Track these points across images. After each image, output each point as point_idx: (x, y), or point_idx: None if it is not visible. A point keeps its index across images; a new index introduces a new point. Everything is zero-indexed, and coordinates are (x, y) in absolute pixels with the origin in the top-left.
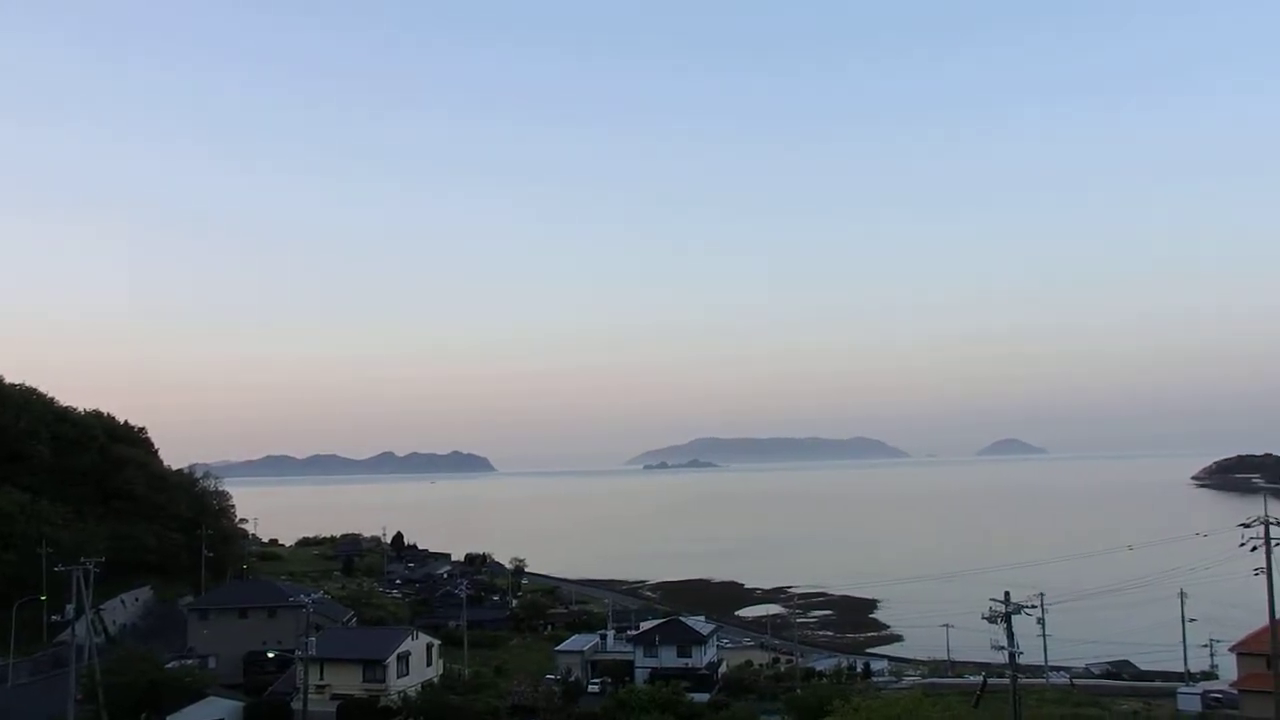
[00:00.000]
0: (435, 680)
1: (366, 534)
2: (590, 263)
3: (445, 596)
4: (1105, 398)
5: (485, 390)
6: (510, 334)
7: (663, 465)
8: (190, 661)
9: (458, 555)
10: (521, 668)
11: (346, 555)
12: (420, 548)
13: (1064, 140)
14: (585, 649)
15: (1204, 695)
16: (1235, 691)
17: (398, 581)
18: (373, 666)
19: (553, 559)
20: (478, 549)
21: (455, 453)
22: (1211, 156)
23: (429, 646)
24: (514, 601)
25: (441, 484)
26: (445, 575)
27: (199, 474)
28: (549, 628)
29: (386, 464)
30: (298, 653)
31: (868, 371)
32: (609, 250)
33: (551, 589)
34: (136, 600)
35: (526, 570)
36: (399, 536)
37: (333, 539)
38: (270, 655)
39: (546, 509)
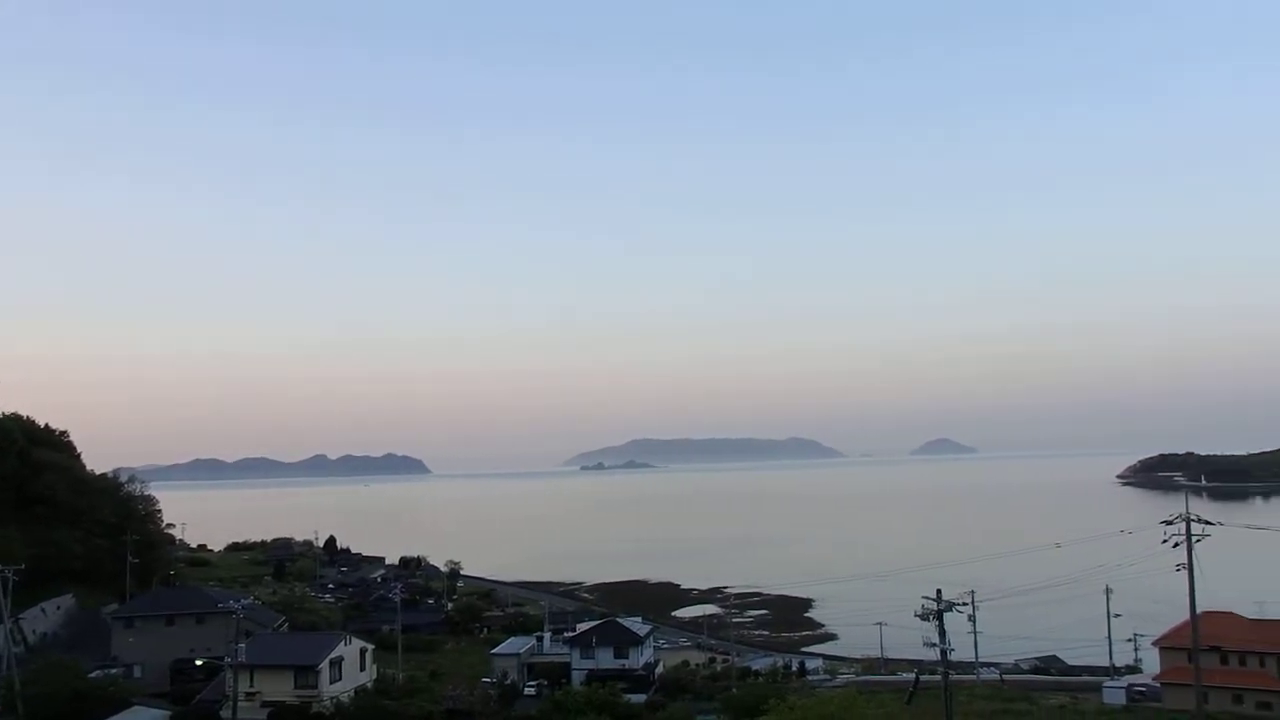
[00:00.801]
0: (369, 685)
1: (299, 538)
2: (526, 264)
3: (379, 600)
4: (1034, 399)
5: (420, 392)
6: (444, 335)
7: (599, 466)
8: (114, 671)
9: (392, 559)
10: (457, 671)
11: (278, 560)
12: (354, 551)
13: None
14: (521, 651)
15: (1128, 689)
16: (1158, 684)
17: (330, 586)
18: (305, 672)
19: (489, 561)
20: (412, 552)
21: (389, 455)
22: (1162, 156)
23: (363, 651)
24: (449, 605)
25: (375, 486)
26: (379, 579)
27: (124, 478)
28: (485, 631)
29: (319, 467)
30: (227, 660)
31: (804, 373)
32: (545, 251)
33: (488, 592)
34: (58, 608)
35: (462, 573)
36: (332, 540)
37: (264, 543)
38: (198, 663)
39: (482, 511)
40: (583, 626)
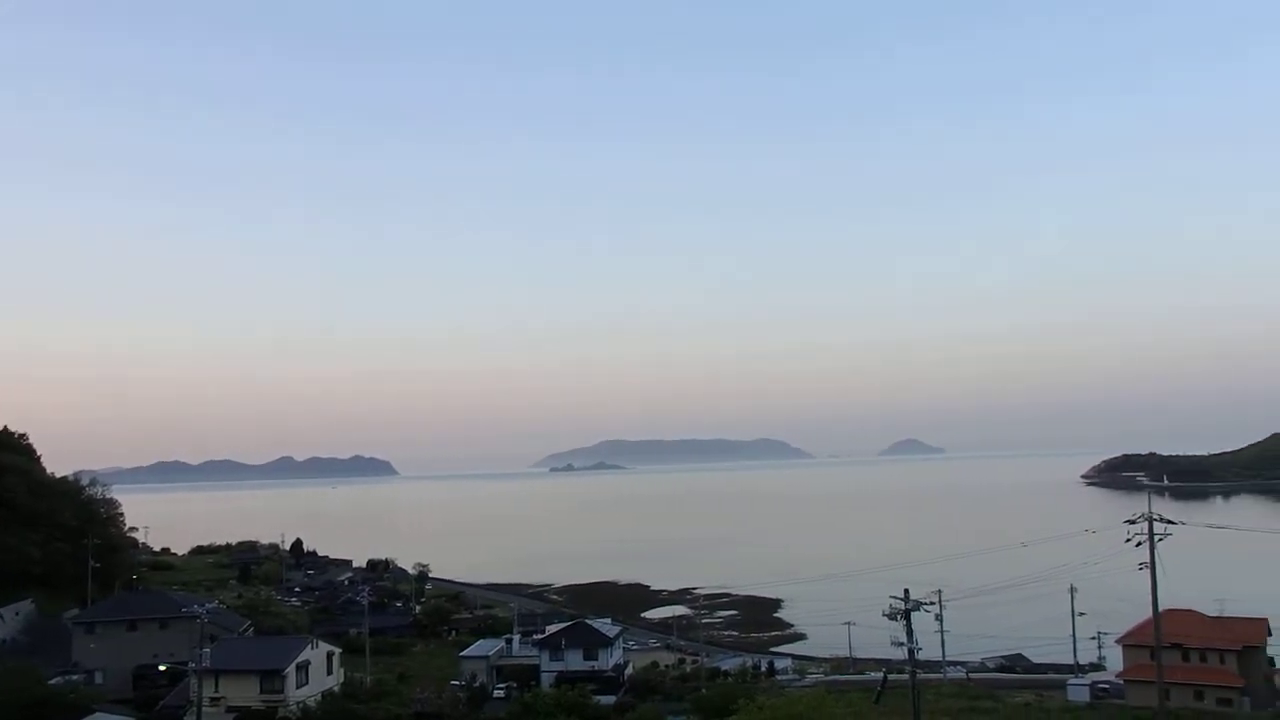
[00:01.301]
0: (336, 689)
1: (264, 541)
2: (494, 263)
3: (347, 604)
4: (1002, 400)
5: (387, 393)
6: (411, 334)
7: (569, 468)
8: (76, 677)
9: (359, 561)
10: (425, 674)
11: (243, 563)
12: (321, 554)
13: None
14: (490, 654)
15: (1092, 686)
16: (1121, 681)
17: (297, 589)
18: (271, 677)
19: (457, 564)
20: (380, 555)
21: (357, 457)
22: (1134, 152)
23: (329, 655)
24: (417, 608)
25: (342, 489)
26: (346, 582)
27: (85, 481)
28: (454, 633)
29: (285, 469)
30: (191, 665)
31: (773, 374)
32: (512, 250)
33: (456, 594)
34: (17, 614)
35: (430, 575)
36: (298, 543)
37: (228, 547)
38: (162, 668)
39: (451, 513)
40: (552, 628)
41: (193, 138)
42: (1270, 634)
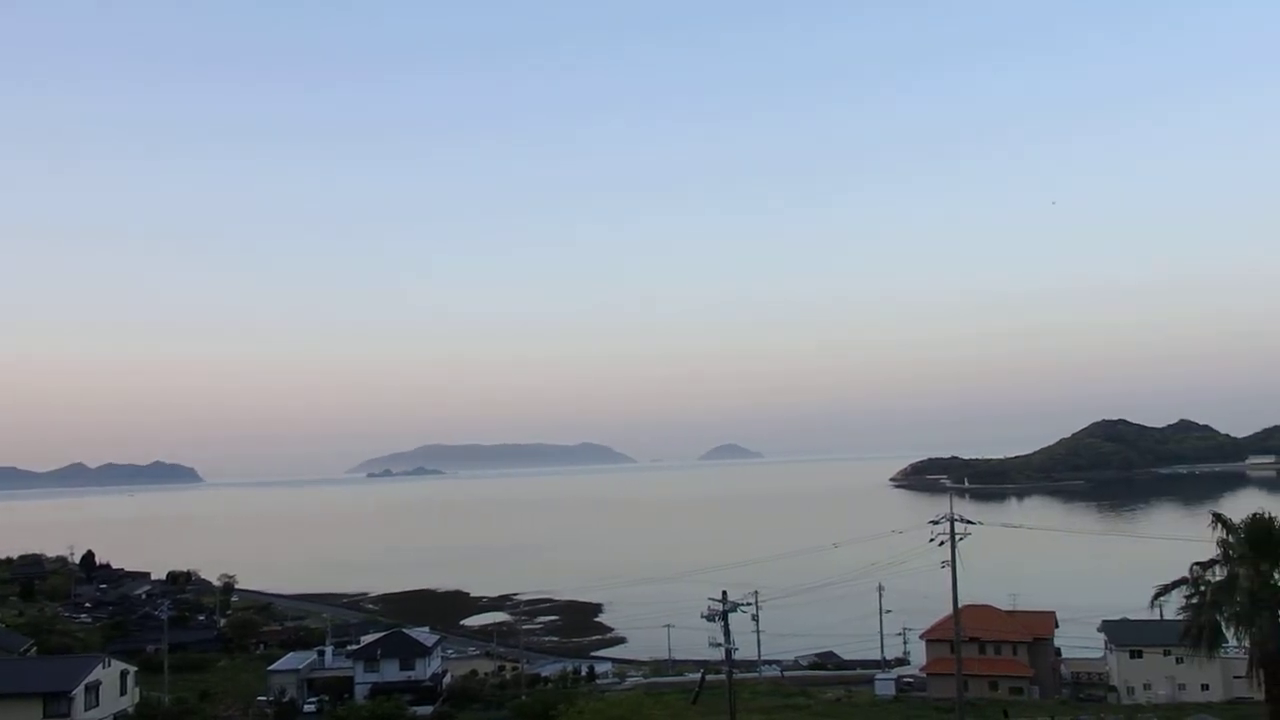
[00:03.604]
0: (130, 710)
1: (50, 554)
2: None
3: (144, 618)
4: (817, 406)
5: (190, 395)
6: (218, 334)
7: (387, 473)
8: None
9: (159, 574)
10: (231, 691)
11: (25, 578)
12: (115, 567)
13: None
14: (301, 667)
15: (898, 680)
16: (924, 675)
17: (88, 605)
18: (56, 699)
19: (267, 574)
20: (181, 566)
21: (157, 463)
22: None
23: (123, 674)
24: (222, 621)
25: (141, 497)
26: (144, 596)
27: None
28: (262, 647)
29: (76, 476)
30: None
31: (596, 379)
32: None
33: (265, 605)
34: None
35: (237, 587)
36: (89, 555)
37: (9, 561)
38: None
39: (260, 521)
40: (367, 639)
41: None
42: (1057, 625)
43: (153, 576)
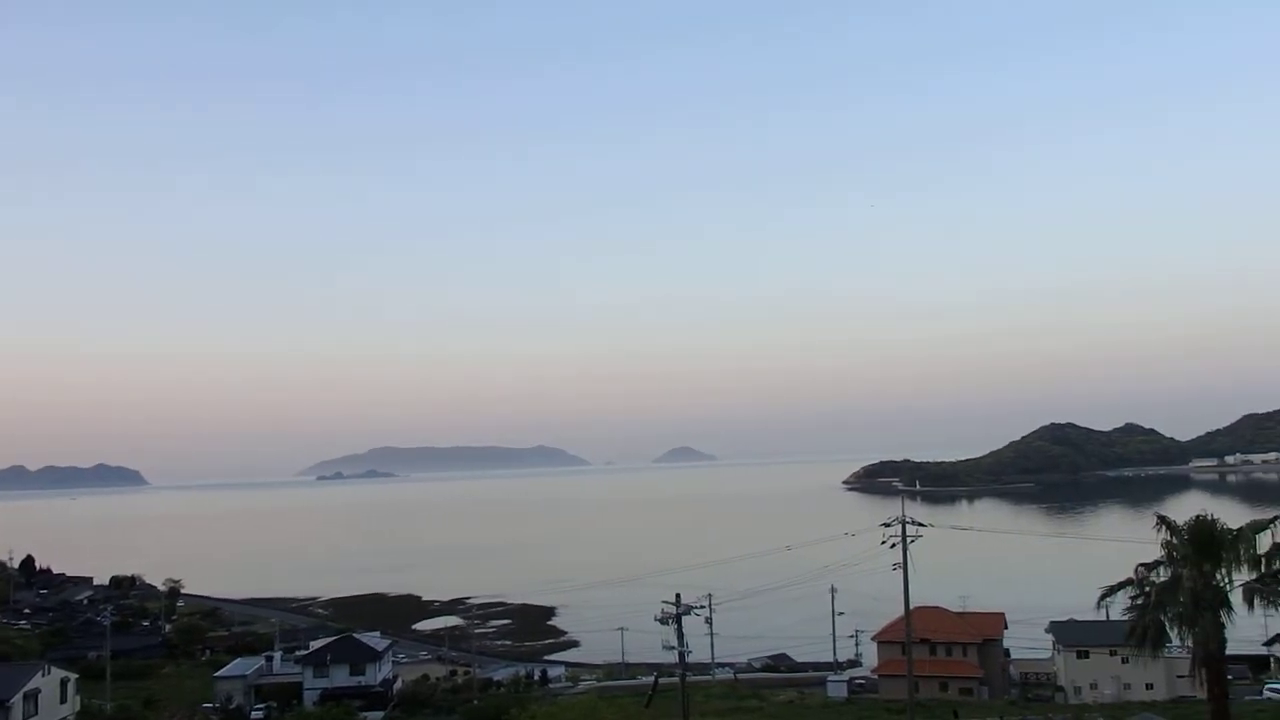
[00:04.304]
0: (71, 718)
1: None
2: (258, 260)
3: (86, 625)
4: (771, 409)
5: (135, 396)
6: (161, 334)
7: (338, 475)
8: None
9: (102, 578)
10: (176, 698)
11: None
12: (56, 572)
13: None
14: (249, 673)
15: (850, 682)
16: (876, 676)
17: (27, 611)
18: None
19: (214, 578)
20: (125, 571)
21: (101, 465)
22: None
23: (64, 681)
24: (168, 626)
25: (84, 500)
26: (86, 601)
27: None
28: (208, 653)
29: (15, 479)
30: None
31: (550, 380)
32: (277, 247)
33: (212, 610)
34: None
35: (183, 592)
36: (29, 560)
37: None
38: None
39: (207, 524)
40: (316, 644)
41: None
42: (1006, 626)
43: (95, 581)
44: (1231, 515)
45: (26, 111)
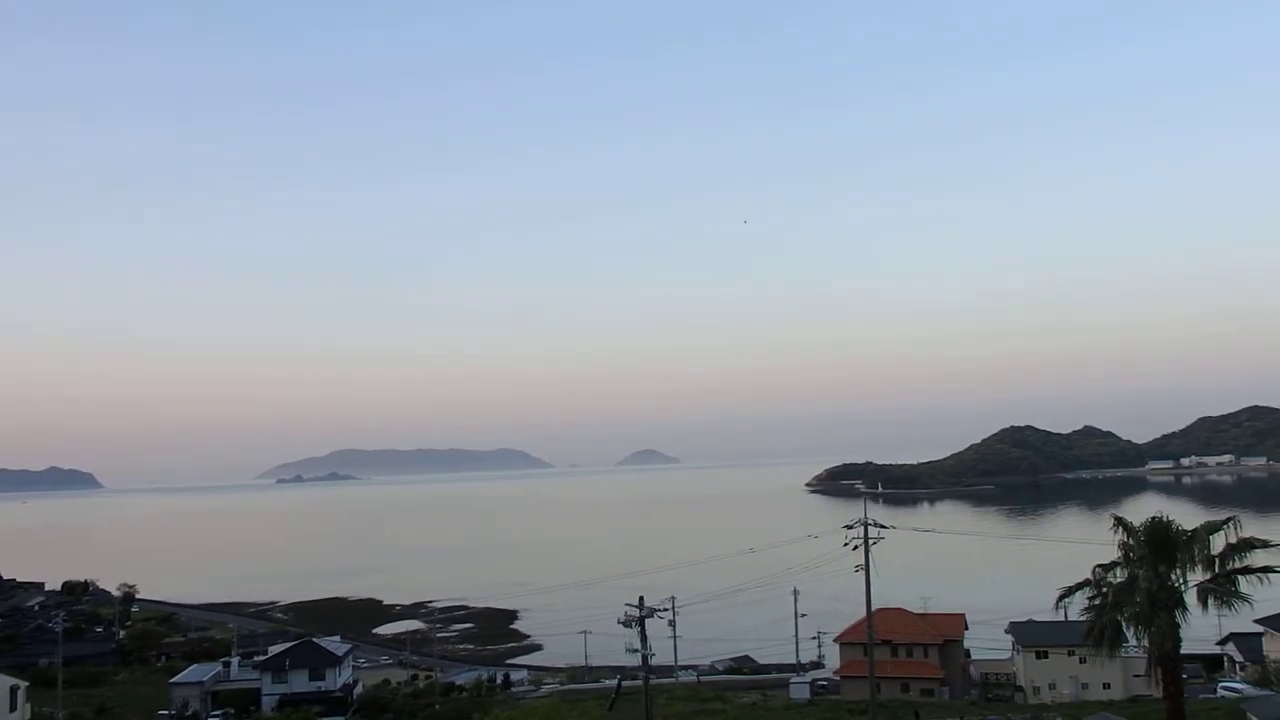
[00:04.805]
0: None
1: None
2: (214, 261)
3: (37, 631)
4: (734, 411)
5: (89, 398)
6: (116, 335)
7: (298, 479)
8: None
9: (54, 584)
10: (130, 705)
11: None
12: (6, 577)
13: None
14: (206, 679)
15: (812, 684)
16: (838, 678)
17: None
18: None
19: (170, 584)
20: (79, 575)
21: (53, 468)
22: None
23: (13, 689)
24: (122, 633)
25: (35, 504)
26: (37, 607)
27: None
28: (164, 659)
29: None
30: None
31: (515, 383)
32: (232, 247)
33: (168, 616)
34: None
35: (138, 597)
36: None
37: None
38: None
39: (163, 528)
40: (275, 649)
41: None
42: (967, 627)
43: (47, 587)
44: (1186, 516)
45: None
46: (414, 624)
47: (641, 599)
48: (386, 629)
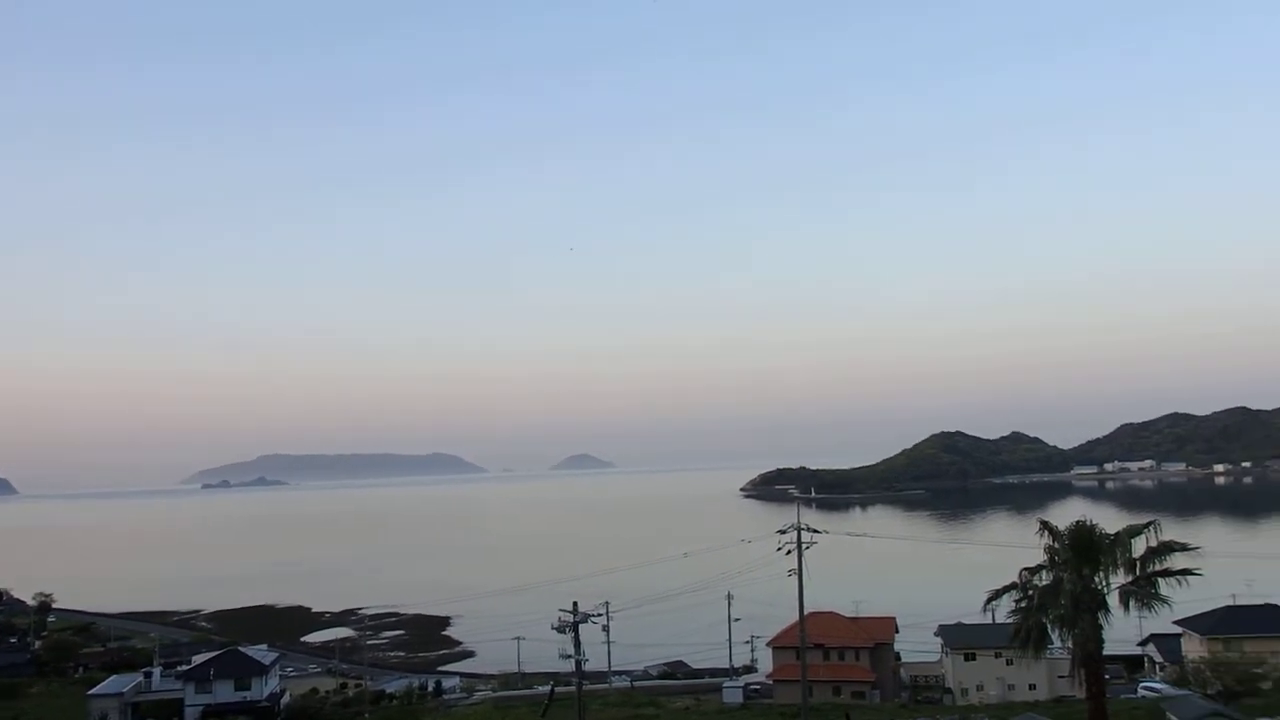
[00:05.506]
0: None
1: None
2: (138, 262)
3: None
4: (668, 416)
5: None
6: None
7: (224, 484)
8: None
9: None
10: (46, 718)
11: None
12: None
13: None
14: (125, 690)
15: (745, 688)
16: (771, 682)
17: None
18: None
19: (88, 592)
20: None
21: None
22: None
23: None
24: (37, 643)
25: None
26: None
27: None
28: (82, 670)
29: None
30: None
31: (449, 386)
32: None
33: (86, 625)
34: None
35: (55, 606)
36: None
37: None
38: None
39: (82, 535)
40: (199, 658)
41: None
42: (898, 630)
43: None
44: (1109, 521)
45: None
46: (343, 631)
47: (575, 604)
48: (315, 637)
